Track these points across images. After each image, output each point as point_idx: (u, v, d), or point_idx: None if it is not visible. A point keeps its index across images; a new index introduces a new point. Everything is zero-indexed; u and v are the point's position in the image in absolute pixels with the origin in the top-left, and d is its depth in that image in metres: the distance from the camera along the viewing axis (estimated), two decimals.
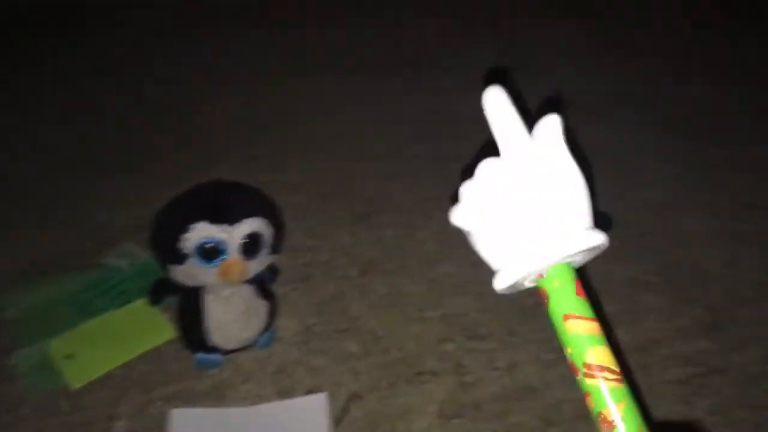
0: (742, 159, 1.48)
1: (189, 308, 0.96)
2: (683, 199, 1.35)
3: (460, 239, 1.25)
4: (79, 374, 0.97)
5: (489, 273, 1.16)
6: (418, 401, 0.98)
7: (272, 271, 1.03)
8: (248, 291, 0.96)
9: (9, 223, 1.26)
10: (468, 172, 0.47)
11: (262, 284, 0.99)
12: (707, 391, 0.98)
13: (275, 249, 0.94)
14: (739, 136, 1.55)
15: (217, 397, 0.97)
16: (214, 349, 0.98)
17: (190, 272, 0.89)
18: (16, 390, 0.96)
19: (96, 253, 1.18)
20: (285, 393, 0.98)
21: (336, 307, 1.12)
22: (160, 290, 0.98)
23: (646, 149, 1.49)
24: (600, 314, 0.42)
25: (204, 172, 1.30)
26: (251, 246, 0.90)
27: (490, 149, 0.46)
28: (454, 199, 0.48)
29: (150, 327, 1.05)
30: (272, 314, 1.02)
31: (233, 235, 0.88)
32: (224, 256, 0.88)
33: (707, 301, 1.12)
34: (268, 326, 1.02)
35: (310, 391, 0.98)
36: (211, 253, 0.87)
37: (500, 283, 0.46)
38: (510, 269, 0.44)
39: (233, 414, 0.94)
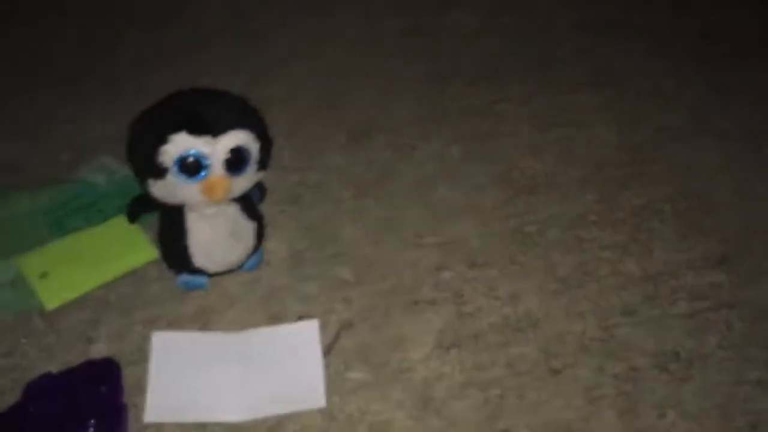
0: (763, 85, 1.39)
1: (171, 227, 0.89)
2: (699, 126, 1.28)
3: (460, 161, 1.18)
4: (54, 294, 0.91)
5: (490, 197, 1.09)
6: (414, 331, 0.93)
7: (260, 190, 0.95)
8: (234, 210, 0.89)
9: None
10: None
11: (249, 203, 0.92)
12: (716, 325, 0.94)
13: (263, 165, 0.86)
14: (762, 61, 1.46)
15: (202, 321, 0.92)
16: (198, 271, 0.92)
17: (169, 188, 0.81)
18: None
19: (71, 167, 1.10)
20: (274, 319, 0.93)
21: (328, 230, 1.06)
22: (139, 207, 0.91)
23: (664, 73, 1.41)
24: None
25: (183, 84, 1.22)
26: (237, 161, 0.82)
27: None
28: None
29: (129, 246, 0.98)
30: (260, 236, 0.95)
31: (217, 148, 0.80)
32: (207, 172, 0.80)
33: (719, 233, 1.06)
34: (256, 248, 0.95)
35: (300, 318, 0.93)
36: (192, 167, 0.80)
37: None
38: None
39: (219, 338, 0.89)
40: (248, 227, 0.92)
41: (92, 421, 0.75)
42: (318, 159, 1.17)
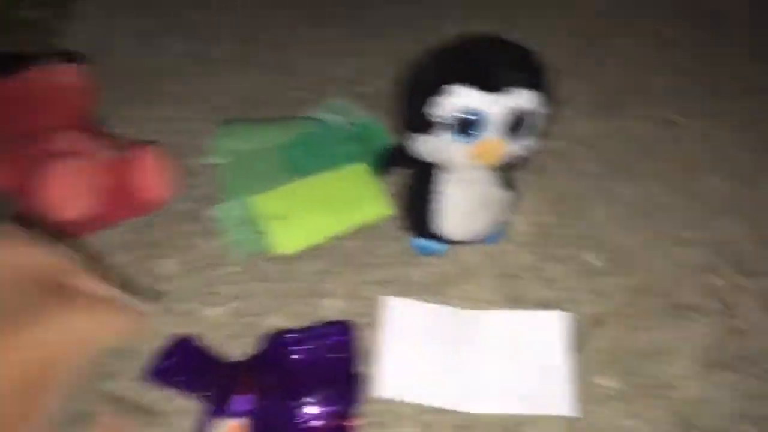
0: None
1: (420, 187, 0.81)
2: None
3: (729, 147, 1.01)
4: (288, 239, 0.87)
5: (765, 194, 0.92)
6: (674, 341, 0.80)
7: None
8: (492, 178, 0.80)
9: (220, 62, 1.14)
10: None
11: (508, 172, 0.82)
12: None
13: (538, 133, 0.75)
14: None
15: (436, 291, 0.84)
16: (437, 237, 0.84)
17: (436, 145, 0.73)
18: (219, 246, 0.87)
19: (305, 106, 1.05)
20: (514, 301, 0.83)
21: (575, 208, 0.94)
22: (391, 160, 0.83)
23: None
24: None
25: (427, 27, 1.13)
26: (517, 124, 0.71)
27: None
28: None
29: (364, 198, 0.91)
30: (509, 207, 0.85)
31: (499, 107, 0.69)
32: (483, 132, 0.71)
33: None
34: (502, 220, 0.86)
35: (543, 305, 0.83)
36: (468, 126, 0.70)
37: None
38: None
39: (456, 315, 0.81)
40: (502, 197, 0.82)
41: (330, 384, 0.70)
42: (563, 125, 1.04)
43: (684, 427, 0.73)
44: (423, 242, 0.86)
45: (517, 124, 0.71)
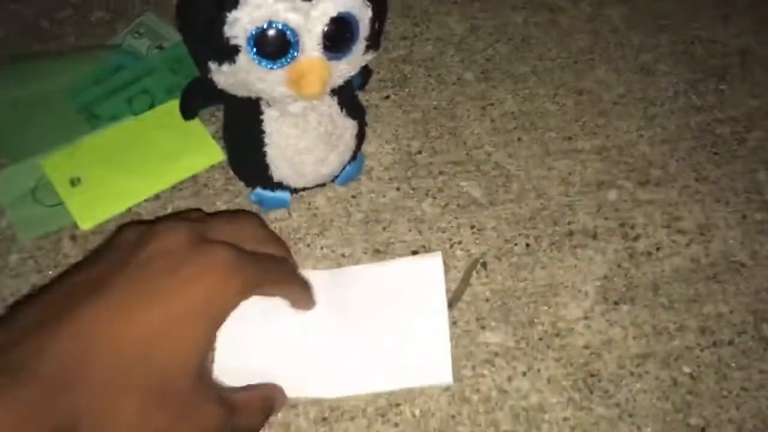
0: None
1: (241, 128, 0.64)
2: None
3: (621, 31, 0.87)
4: (89, 209, 0.68)
5: (664, 82, 0.79)
6: (569, 276, 0.68)
7: (362, 75, 0.67)
8: (329, 106, 0.62)
9: None
10: None
11: (349, 95, 0.65)
12: None
13: (375, 43, 0.58)
14: None
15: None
16: (278, 186, 0.67)
17: (241, 76, 0.55)
18: (0, 228, 0.68)
19: (105, 30, 0.83)
20: (379, 253, 0.69)
21: (446, 127, 0.78)
22: (197, 99, 0.64)
23: None
24: None
25: None
26: (339, 37, 0.54)
27: None
28: None
29: (186, 144, 0.73)
30: (360, 138, 0.69)
31: (312, 17, 0.51)
32: (296, 53, 0.53)
33: None
34: (354, 155, 0.70)
35: (414, 252, 0.69)
36: (275, 46, 0.52)
37: None
38: None
39: (311, 278, 0.65)
40: (347, 128, 0.65)
41: None
42: (428, 25, 0.87)
43: (582, 380, 0.62)
44: (262, 194, 0.69)
45: (341, 36, 0.54)
